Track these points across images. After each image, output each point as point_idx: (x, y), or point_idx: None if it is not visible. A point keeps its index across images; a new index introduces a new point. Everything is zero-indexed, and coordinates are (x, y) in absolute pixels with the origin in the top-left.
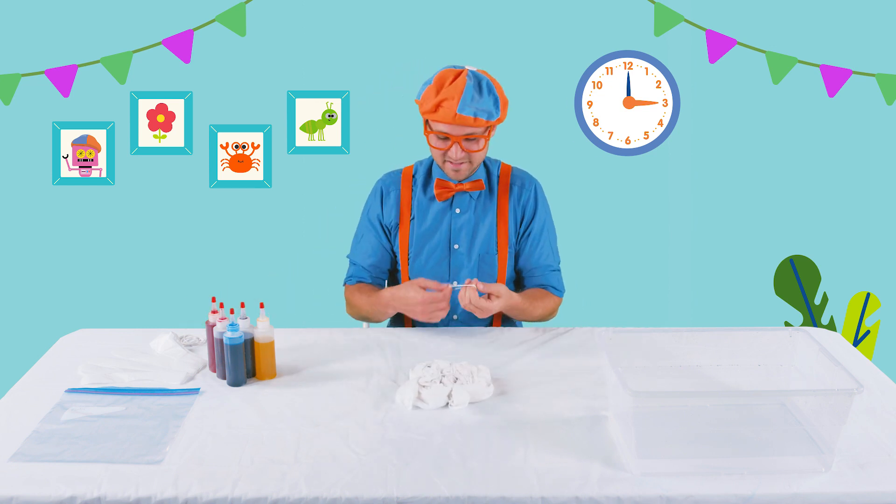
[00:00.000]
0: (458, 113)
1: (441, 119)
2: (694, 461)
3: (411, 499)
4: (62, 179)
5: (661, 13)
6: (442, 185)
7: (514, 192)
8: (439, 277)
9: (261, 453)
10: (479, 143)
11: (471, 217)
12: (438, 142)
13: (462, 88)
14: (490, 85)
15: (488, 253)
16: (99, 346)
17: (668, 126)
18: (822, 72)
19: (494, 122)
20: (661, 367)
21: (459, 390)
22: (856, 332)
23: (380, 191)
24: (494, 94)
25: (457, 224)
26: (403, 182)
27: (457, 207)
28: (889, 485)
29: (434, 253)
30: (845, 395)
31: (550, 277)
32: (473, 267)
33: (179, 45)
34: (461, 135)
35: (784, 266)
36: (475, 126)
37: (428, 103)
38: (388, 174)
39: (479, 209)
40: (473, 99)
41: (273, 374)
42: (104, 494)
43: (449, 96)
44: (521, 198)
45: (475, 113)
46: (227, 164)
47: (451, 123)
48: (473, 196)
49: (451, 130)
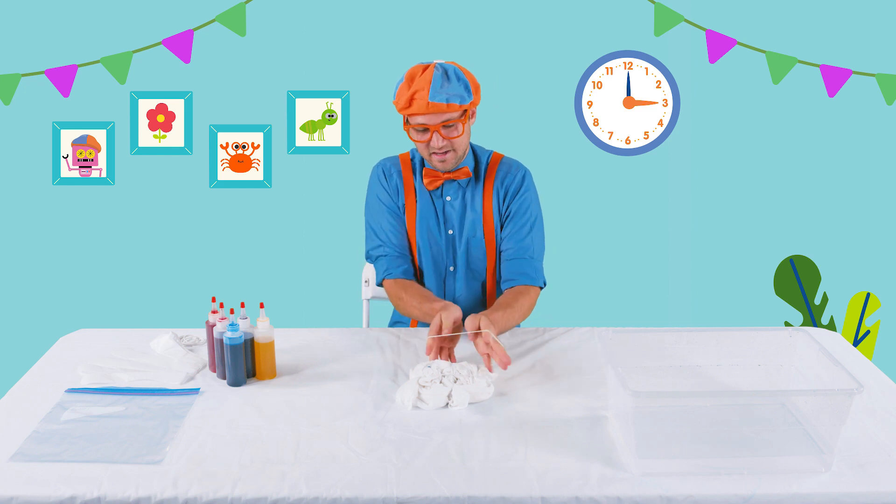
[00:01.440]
0: (430, 101)
1: (416, 111)
2: (694, 461)
3: (411, 499)
4: (62, 179)
5: (661, 13)
6: (430, 174)
7: (499, 176)
8: (440, 260)
9: (261, 453)
10: (457, 128)
11: (461, 203)
12: (418, 134)
13: (430, 79)
14: (458, 71)
15: (475, 237)
16: (99, 346)
17: (668, 126)
18: (822, 72)
19: (468, 105)
20: (661, 367)
21: (459, 390)
22: (856, 332)
23: (382, 174)
24: (464, 79)
25: (448, 211)
26: (403, 166)
27: (447, 195)
28: (889, 485)
29: (436, 236)
30: (845, 395)
31: (524, 265)
32: (464, 252)
33: (179, 45)
34: (438, 122)
35: (784, 266)
36: (449, 111)
37: (402, 99)
38: (386, 159)
39: (467, 195)
40: (443, 86)
41: (273, 374)
42: (104, 494)
43: (419, 87)
44: (505, 181)
45: (447, 99)
46: (227, 164)
47: (426, 113)
48: (462, 183)
49: (427, 120)
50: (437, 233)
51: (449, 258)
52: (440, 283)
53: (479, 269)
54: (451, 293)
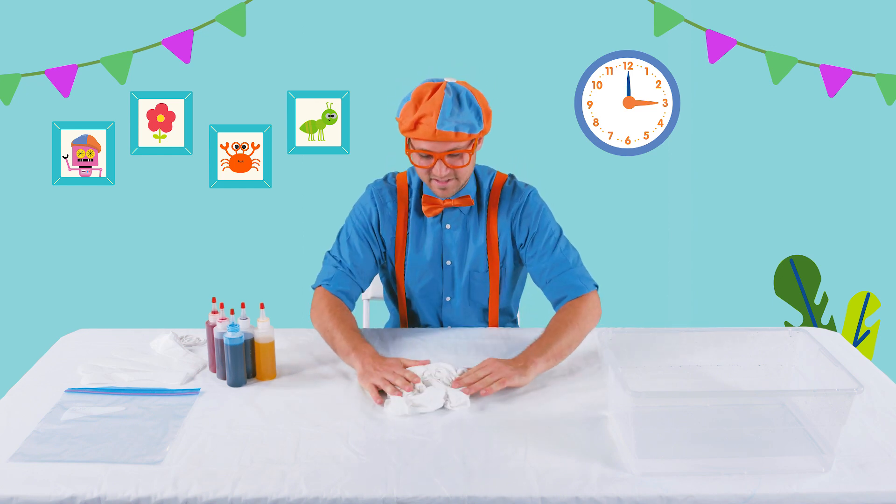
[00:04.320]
0: (437, 129)
1: (421, 136)
2: (694, 461)
3: (411, 499)
4: (62, 179)
5: (661, 13)
6: (430, 201)
7: (503, 206)
8: (434, 293)
9: (261, 453)
10: (463, 158)
11: (461, 233)
12: (421, 160)
13: (440, 103)
14: (470, 96)
15: (478, 270)
16: (99, 346)
17: (668, 126)
18: (822, 72)
19: (478, 134)
20: (661, 367)
21: (453, 392)
22: (856, 332)
23: (375, 202)
24: (476, 105)
25: (447, 240)
26: (399, 195)
27: (447, 223)
28: (889, 485)
29: (428, 269)
30: (845, 395)
31: (568, 277)
32: (465, 284)
33: (179, 45)
34: (444, 151)
35: (784, 266)
36: (457, 141)
37: (407, 121)
38: (383, 183)
39: (469, 224)
40: (453, 113)
41: (273, 375)
42: (104, 494)
43: (427, 112)
44: (512, 209)
45: (456, 127)
46: (227, 164)
47: (432, 140)
48: (463, 211)
49: (432, 147)
50: (433, 264)
51: (446, 289)
52: (435, 312)
53: (480, 298)
54: (448, 321)
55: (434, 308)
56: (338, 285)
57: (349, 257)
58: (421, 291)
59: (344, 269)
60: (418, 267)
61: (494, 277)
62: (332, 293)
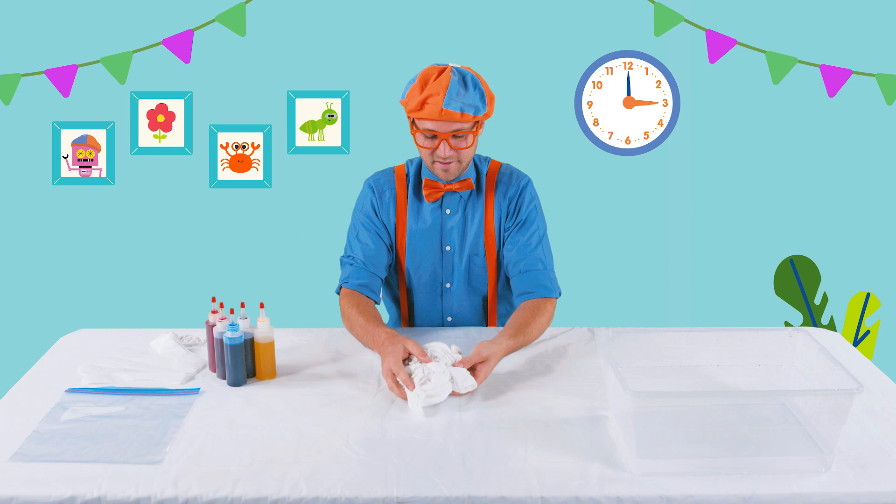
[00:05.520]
0: (444, 108)
1: (427, 116)
2: (694, 461)
3: (411, 499)
4: (62, 179)
5: (661, 13)
6: (430, 185)
7: (500, 188)
8: (434, 278)
9: (261, 453)
10: (467, 139)
11: (461, 218)
12: (426, 140)
13: (447, 84)
14: (475, 80)
15: (477, 255)
16: (99, 346)
17: (668, 126)
18: (822, 72)
19: (482, 116)
20: (661, 367)
21: (457, 371)
22: (856, 332)
23: (373, 190)
24: (480, 88)
25: (447, 225)
26: (398, 182)
27: (447, 208)
28: (889, 485)
29: (427, 254)
30: (845, 396)
31: (539, 276)
32: (464, 269)
33: (179, 45)
34: (448, 131)
35: (784, 266)
36: (462, 121)
37: (413, 101)
38: (380, 174)
39: (468, 209)
40: (459, 94)
41: (273, 374)
42: (104, 494)
43: (434, 92)
44: (507, 193)
45: (462, 108)
46: (227, 164)
47: (438, 119)
48: (463, 196)
49: (437, 127)
50: (432, 250)
51: (446, 275)
52: (435, 301)
53: (480, 284)
54: (448, 310)
55: (435, 296)
56: (356, 280)
57: (361, 252)
58: (421, 278)
59: (358, 265)
60: (418, 251)
61: (492, 260)
62: (351, 289)
